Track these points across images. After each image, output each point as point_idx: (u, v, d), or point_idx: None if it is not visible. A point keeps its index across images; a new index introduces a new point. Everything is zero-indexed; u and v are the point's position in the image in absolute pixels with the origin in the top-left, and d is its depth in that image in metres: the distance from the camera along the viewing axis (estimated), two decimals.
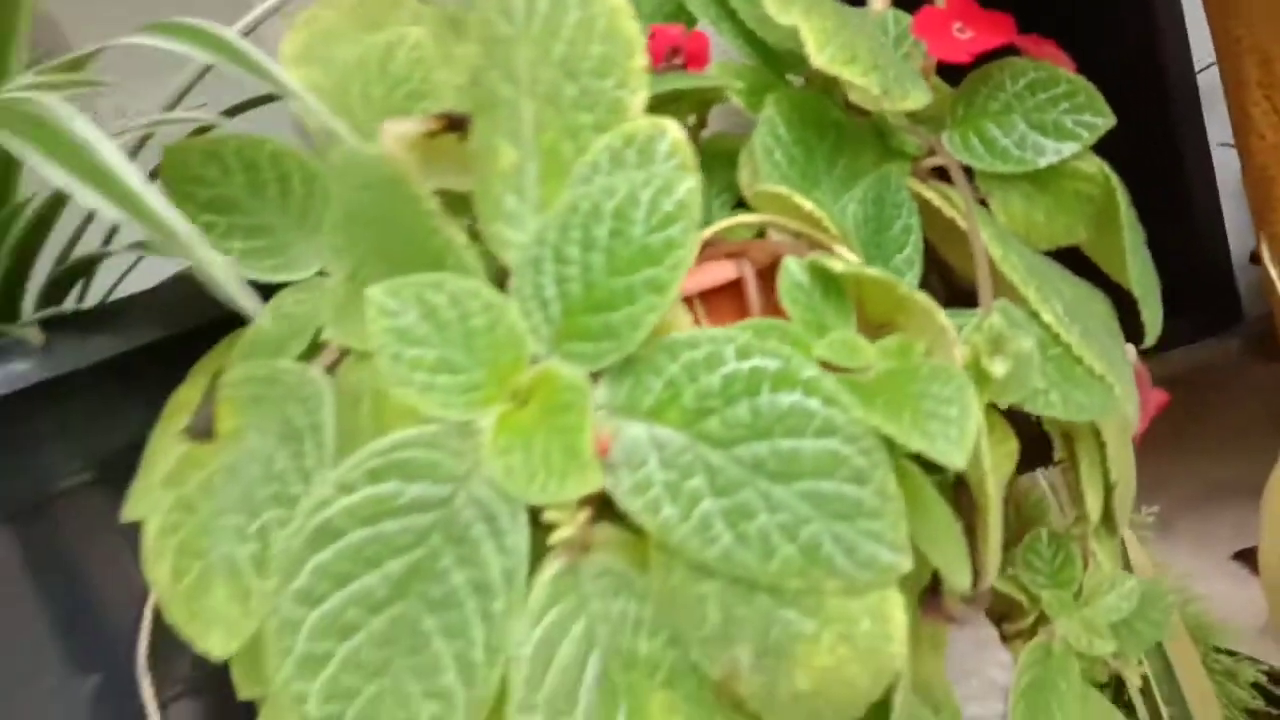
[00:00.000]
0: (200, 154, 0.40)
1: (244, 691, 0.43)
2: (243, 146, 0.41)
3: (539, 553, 0.30)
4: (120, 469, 0.45)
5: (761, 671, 0.29)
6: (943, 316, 0.31)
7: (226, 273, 0.31)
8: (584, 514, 0.28)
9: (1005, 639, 0.47)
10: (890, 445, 0.29)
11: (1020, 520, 0.49)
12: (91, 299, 0.52)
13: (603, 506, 0.29)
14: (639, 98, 0.31)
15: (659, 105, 0.33)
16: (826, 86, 0.41)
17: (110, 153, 0.31)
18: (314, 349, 0.38)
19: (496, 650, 0.29)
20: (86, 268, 0.49)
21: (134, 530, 0.46)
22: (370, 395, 0.35)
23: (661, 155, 0.30)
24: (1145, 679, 0.52)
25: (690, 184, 0.28)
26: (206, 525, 0.35)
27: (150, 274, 0.50)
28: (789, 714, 0.29)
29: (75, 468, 0.46)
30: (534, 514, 0.29)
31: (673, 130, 0.30)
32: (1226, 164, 1.94)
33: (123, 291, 0.53)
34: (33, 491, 0.45)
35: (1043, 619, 0.46)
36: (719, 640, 0.29)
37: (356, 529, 0.29)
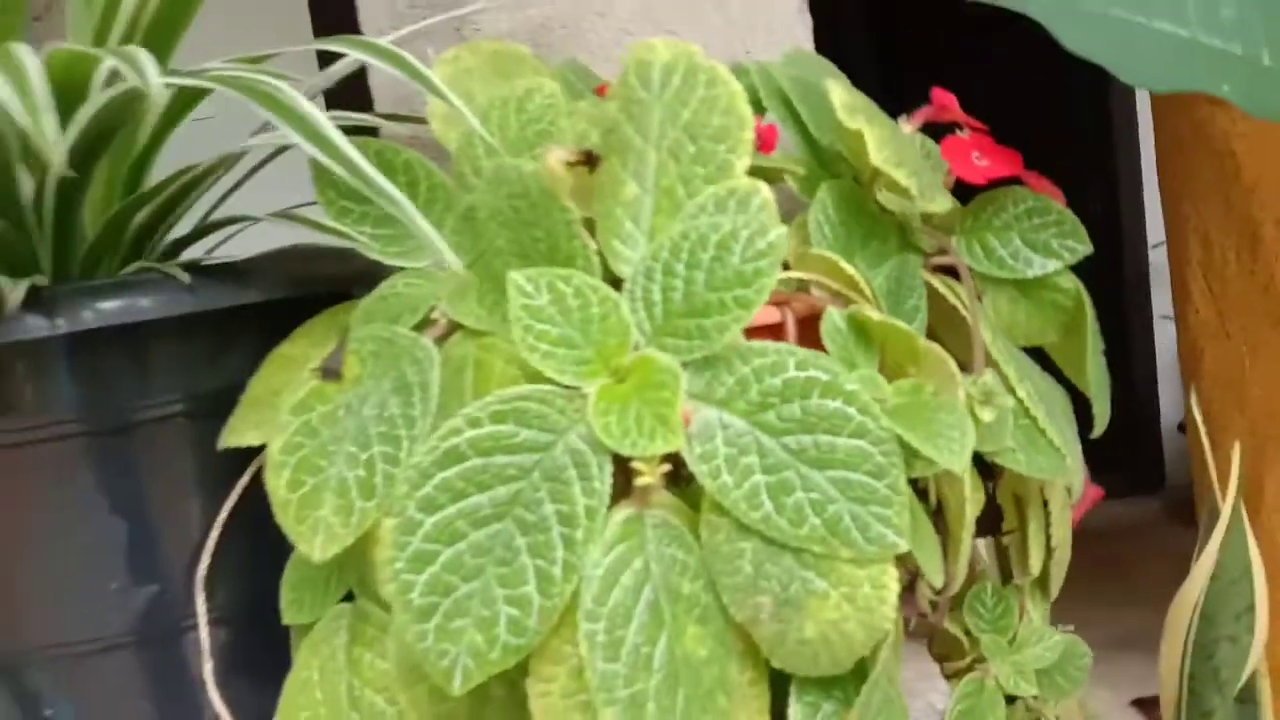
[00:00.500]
0: None
1: (288, 617, 0.49)
2: (382, 150, 0.49)
3: (614, 499, 0.37)
4: (207, 407, 0.52)
5: (778, 620, 0.36)
6: (953, 365, 0.39)
7: (425, 227, 0.39)
8: (663, 468, 0.36)
9: (945, 675, 0.55)
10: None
11: (969, 575, 0.57)
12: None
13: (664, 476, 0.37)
14: (743, 162, 0.40)
15: None
16: (864, 185, 0.50)
17: (327, 125, 0.39)
18: (423, 323, 0.46)
19: (572, 570, 0.36)
20: (208, 231, 0.56)
21: (202, 463, 0.52)
22: (473, 365, 0.43)
23: (755, 207, 0.39)
24: None
25: (781, 231, 0.37)
26: (325, 449, 0.41)
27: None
28: (794, 658, 0.37)
29: (171, 399, 0.52)
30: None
31: (765, 190, 0.39)
32: (1167, 336, 2.10)
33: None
34: (127, 413, 0.51)
35: (979, 660, 0.54)
36: (748, 589, 0.36)
37: (475, 457, 0.37)
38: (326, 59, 0.53)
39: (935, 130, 0.54)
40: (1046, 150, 0.58)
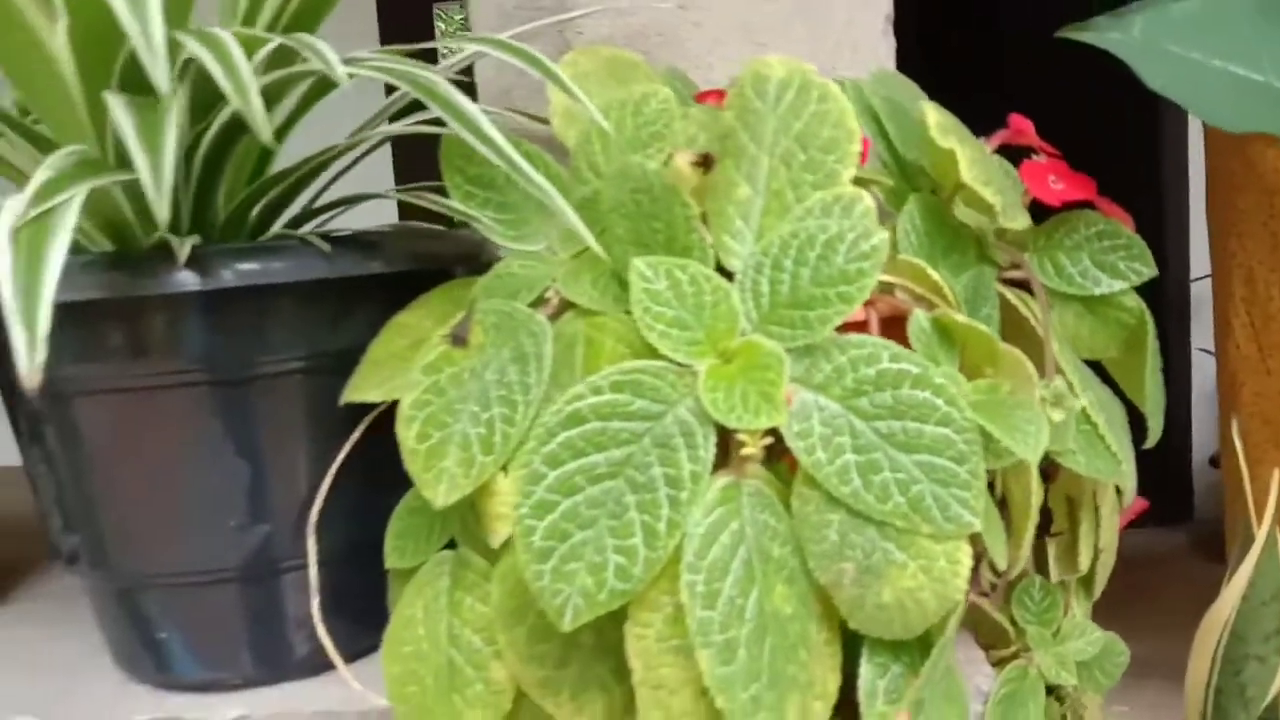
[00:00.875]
0: (472, 146, 0.53)
1: (391, 562, 0.53)
2: (513, 142, 0.53)
3: (714, 467, 0.41)
4: (325, 365, 0.56)
5: (858, 585, 0.40)
6: (1030, 367, 0.43)
7: (562, 203, 0.43)
8: (764, 441, 0.40)
9: (990, 662, 0.59)
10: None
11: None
12: None
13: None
14: (849, 172, 0.44)
15: None
16: (943, 200, 0.54)
17: (482, 118, 0.43)
18: (537, 301, 0.50)
19: (675, 527, 0.40)
20: (335, 206, 0.61)
21: (314, 417, 0.57)
22: (584, 341, 0.47)
23: (859, 213, 0.43)
24: None
25: (883, 235, 0.41)
26: (450, 406, 0.46)
27: None
28: (871, 621, 0.41)
29: (292, 356, 0.56)
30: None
31: (868, 198, 0.43)
32: (1203, 369, 2.11)
33: None
34: (250, 366, 0.56)
35: (1023, 649, 0.57)
36: (832, 556, 0.40)
37: (594, 420, 0.41)
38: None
39: (1006, 154, 0.58)
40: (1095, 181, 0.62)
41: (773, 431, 0.41)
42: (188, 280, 0.51)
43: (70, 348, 0.53)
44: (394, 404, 0.48)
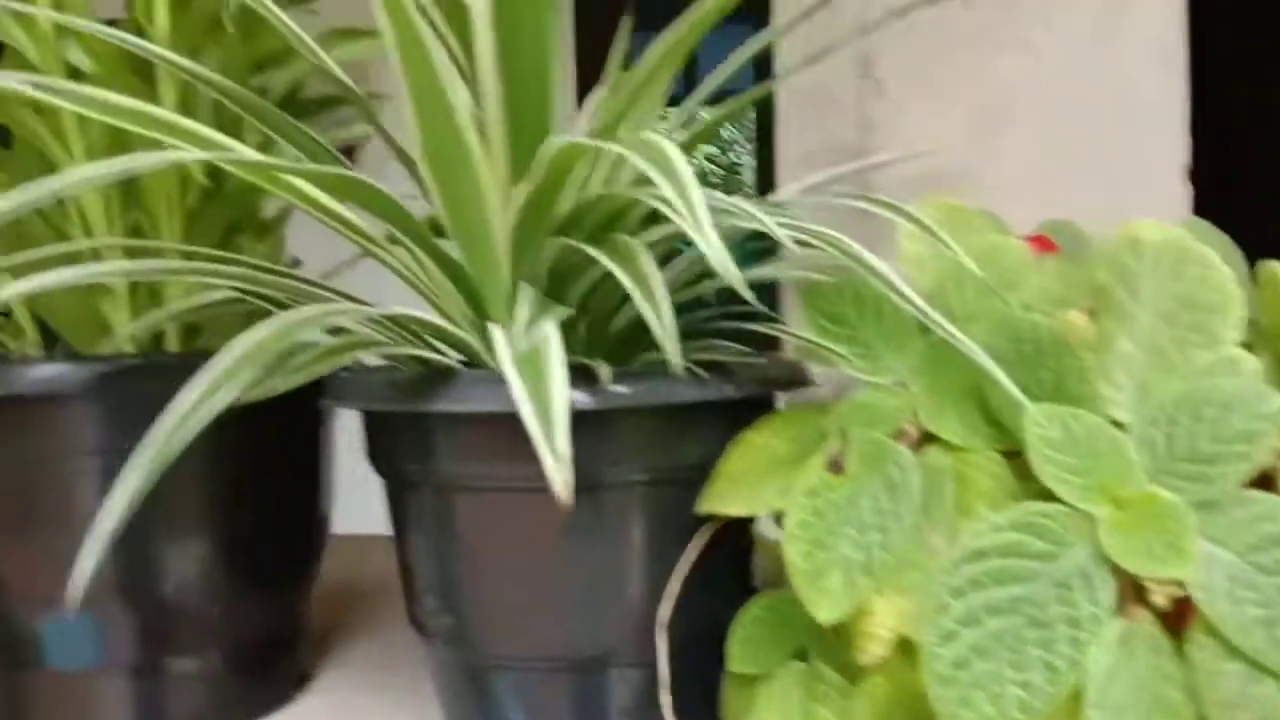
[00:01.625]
0: (830, 287, 0.58)
1: (736, 666, 0.57)
2: (860, 286, 0.58)
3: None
4: (666, 477, 0.61)
5: None
6: None
7: (987, 361, 0.47)
8: (1170, 590, 0.42)
9: None
10: None
11: None
12: None
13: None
14: (1233, 334, 0.47)
15: None
16: None
17: (890, 271, 0.48)
18: (896, 432, 0.54)
19: (1074, 665, 0.43)
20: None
21: (658, 524, 0.61)
22: (954, 476, 0.51)
23: (1249, 374, 0.45)
24: None
25: (1279, 398, 0.44)
26: (831, 529, 0.50)
27: None
28: None
29: (641, 467, 0.61)
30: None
31: (1255, 360, 0.46)
32: None
33: None
34: (600, 475, 0.61)
35: None
36: (1230, 706, 0.42)
37: (996, 558, 0.44)
38: None
39: None
40: None
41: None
42: (581, 400, 0.57)
43: (459, 450, 0.60)
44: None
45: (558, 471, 0.42)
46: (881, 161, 0.76)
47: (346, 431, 0.76)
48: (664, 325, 0.46)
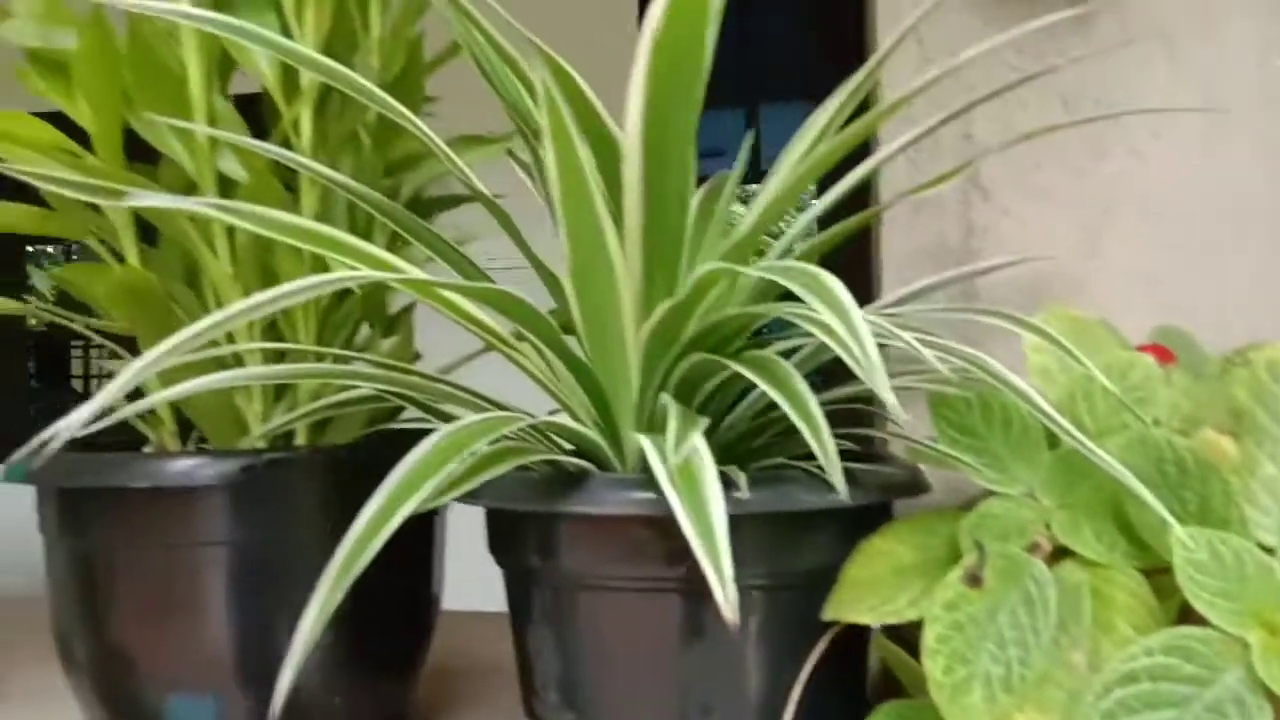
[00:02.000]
0: (959, 399, 0.59)
1: None
2: (988, 397, 0.59)
3: None
4: (786, 582, 0.62)
5: None
6: None
7: (1134, 482, 0.48)
8: None
9: None
10: None
11: None
12: None
13: None
14: None
15: None
16: None
17: (1029, 388, 0.49)
18: (1029, 545, 0.54)
19: None
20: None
21: (775, 629, 0.62)
22: (1092, 592, 0.51)
23: None
24: None
25: None
26: (971, 644, 0.50)
27: None
28: None
29: (761, 571, 0.62)
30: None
31: None
32: None
33: None
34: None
35: None
36: None
37: (1147, 681, 0.44)
38: None
39: None
40: None
41: None
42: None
43: (588, 550, 0.62)
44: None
45: (723, 591, 0.43)
46: (989, 267, 0.77)
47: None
48: (826, 454, 0.48)
